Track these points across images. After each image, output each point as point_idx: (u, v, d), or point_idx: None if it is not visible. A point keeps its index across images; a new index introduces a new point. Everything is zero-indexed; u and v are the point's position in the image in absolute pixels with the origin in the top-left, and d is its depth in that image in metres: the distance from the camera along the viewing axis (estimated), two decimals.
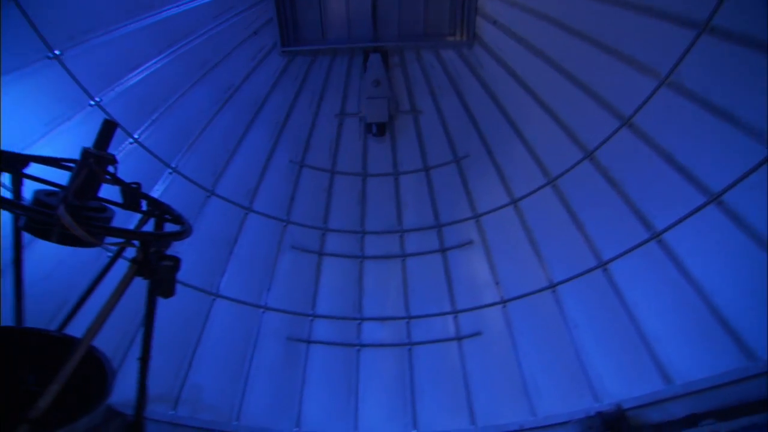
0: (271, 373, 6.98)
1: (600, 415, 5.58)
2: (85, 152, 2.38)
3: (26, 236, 3.01)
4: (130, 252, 2.59)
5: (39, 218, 2.29)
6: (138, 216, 3.11)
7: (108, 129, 2.47)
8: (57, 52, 5.30)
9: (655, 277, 5.56)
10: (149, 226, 3.02)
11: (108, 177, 2.47)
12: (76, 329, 2.63)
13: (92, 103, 5.69)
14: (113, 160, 2.47)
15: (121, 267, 2.63)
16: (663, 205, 5.52)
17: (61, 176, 2.75)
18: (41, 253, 4.78)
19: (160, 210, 2.97)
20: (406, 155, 7.76)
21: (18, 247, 2.98)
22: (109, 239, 2.45)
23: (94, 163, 2.35)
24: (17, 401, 2.24)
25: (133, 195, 2.82)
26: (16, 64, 5.03)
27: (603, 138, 6.03)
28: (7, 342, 2.80)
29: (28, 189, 2.73)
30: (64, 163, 2.76)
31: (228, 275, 7.09)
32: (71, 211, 2.12)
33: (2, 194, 2.47)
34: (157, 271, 2.44)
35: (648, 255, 5.64)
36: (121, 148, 6.03)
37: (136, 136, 6.22)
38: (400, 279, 7.57)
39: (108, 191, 2.86)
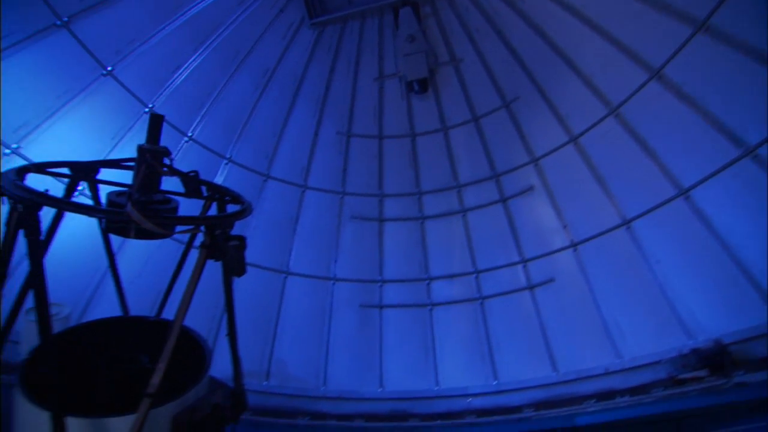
0: (349, 340, 7.32)
1: (695, 352, 5.25)
2: (141, 149, 2.52)
3: (115, 243, 3.34)
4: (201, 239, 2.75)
5: (113, 218, 2.48)
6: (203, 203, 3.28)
7: (155, 122, 2.59)
8: (109, 68, 5.63)
9: (751, 200, 4.98)
10: (213, 212, 3.18)
11: (165, 169, 2.60)
12: (171, 314, 2.90)
13: (146, 110, 6.03)
14: (167, 152, 2.59)
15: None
16: (753, 118, 4.85)
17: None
18: (130, 256, 5.34)
19: (219, 193, 3.12)
20: (453, 108, 7.47)
21: (108, 248, 3.31)
22: (179, 228, 2.61)
23: (150, 158, 2.49)
24: (138, 377, 2.51)
25: (192, 182, 2.97)
26: (77, 88, 5.44)
27: (671, 52, 5.36)
28: (119, 328, 3.22)
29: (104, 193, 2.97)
30: (123, 164, 2.96)
31: (295, 252, 7.42)
32: (139, 206, 2.27)
33: (83, 201, 2.71)
34: (226, 251, 2.56)
35: (740, 175, 5.04)
36: (178, 147, 6.40)
37: (190, 134, 6.55)
38: (463, 234, 7.47)
39: (172, 184, 3.04)
